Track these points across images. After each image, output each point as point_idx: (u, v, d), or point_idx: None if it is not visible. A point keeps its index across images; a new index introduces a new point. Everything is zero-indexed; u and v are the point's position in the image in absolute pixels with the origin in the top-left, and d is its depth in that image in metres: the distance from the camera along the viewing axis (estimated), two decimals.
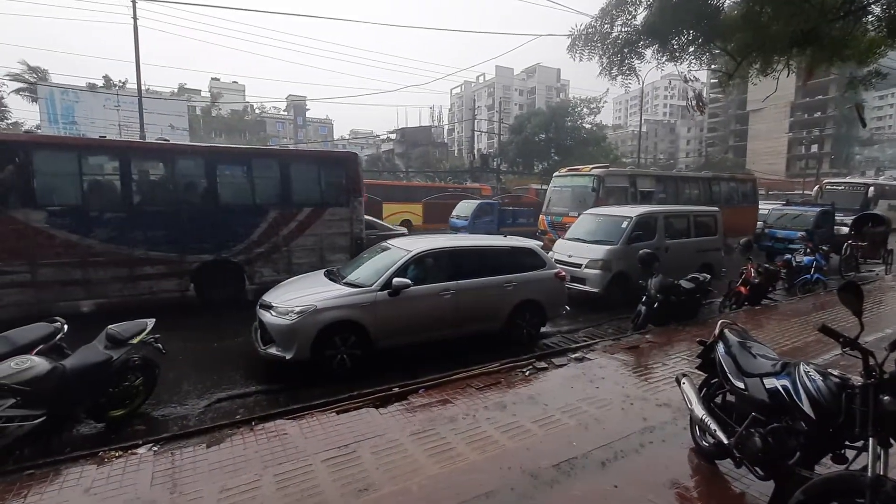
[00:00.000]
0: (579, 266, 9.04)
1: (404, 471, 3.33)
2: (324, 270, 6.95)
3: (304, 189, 9.52)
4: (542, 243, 8.10)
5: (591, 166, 15.37)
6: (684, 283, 7.53)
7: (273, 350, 5.45)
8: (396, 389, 4.70)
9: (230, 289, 8.66)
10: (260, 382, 5.50)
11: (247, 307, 8.03)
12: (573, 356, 5.71)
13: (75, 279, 7.48)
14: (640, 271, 7.50)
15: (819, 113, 62.48)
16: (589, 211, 10.88)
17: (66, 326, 4.65)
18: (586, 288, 8.90)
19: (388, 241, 7.11)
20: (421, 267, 6.30)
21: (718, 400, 3.50)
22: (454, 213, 21.60)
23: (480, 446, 3.67)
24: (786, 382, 2.70)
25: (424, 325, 6.09)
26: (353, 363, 5.63)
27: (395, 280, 5.80)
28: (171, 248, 8.15)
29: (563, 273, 7.43)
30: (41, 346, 4.29)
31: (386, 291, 5.77)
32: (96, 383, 4.10)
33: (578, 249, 9.40)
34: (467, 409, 4.28)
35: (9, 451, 3.56)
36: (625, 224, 9.37)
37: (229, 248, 8.65)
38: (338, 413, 4.20)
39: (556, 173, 16.34)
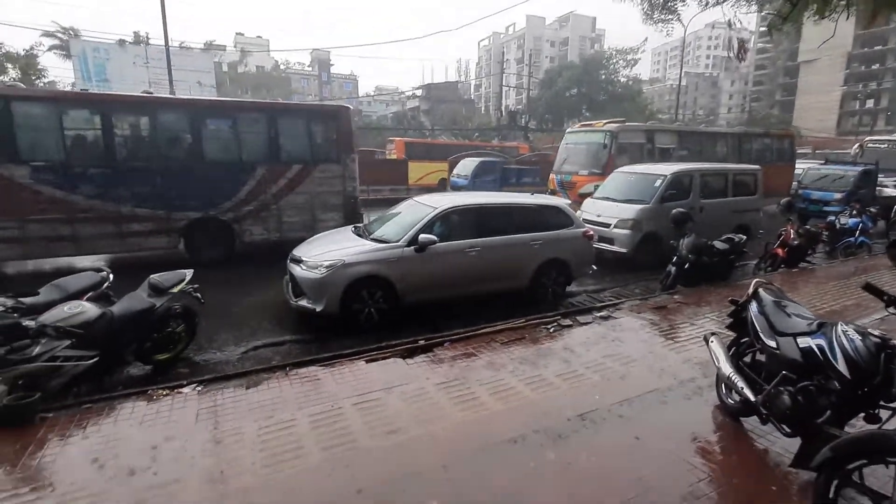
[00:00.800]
0: (608, 226, 8.85)
1: (430, 416, 3.47)
2: (351, 227, 7.03)
3: (294, 145, 9.20)
4: (570, 201, 7.93)
5: (605, 121, 14.64)
6: (718, 244, 7.30)
7: (304, 302, 5.64)
8: (423, 342, 4.83)
9: (221, 247, 8.59)
10: (292, 333, 5.74)
11: (238, 265, 8.34)
12: (599, 315, 5.71)
13: (63, 235, 7.54)
14: (673, 231, 7.31)
15: (878, 65, 57.38)
16: (621, 169, 10.52)
17: (111, 276, 4.93)
18: (614, 248, 8.75)
19: (415, 198, 7.10)
20: (447, 224, 6.30)
21: (747, 359, 3.47)
22: (455, 171, 20.74)
23: (504, 397, 3.77)
24: (821, 342, 2.64)
25: (450, 281, 6.16)
26: (381, 317, 5.77)
27: (422, 236, 5.84)
28: (158, 205, 8.07)
29: (591, 232, 7.31)
30: (90, 294, 4.57)
31: (412, 247, 5.83)
32: (141, 328, 4.36)
33: (608, 209, 9.17)
34: (491, 362, 4.38)
35: (68, 387, 3.87)
36: (658, 182, 9.04)
37: (217, 206, 8.51)
38: (367, 362, 4.36)
39: (569, 129, 15.62)
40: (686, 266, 6.95)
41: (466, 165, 20.41)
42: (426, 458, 2.99)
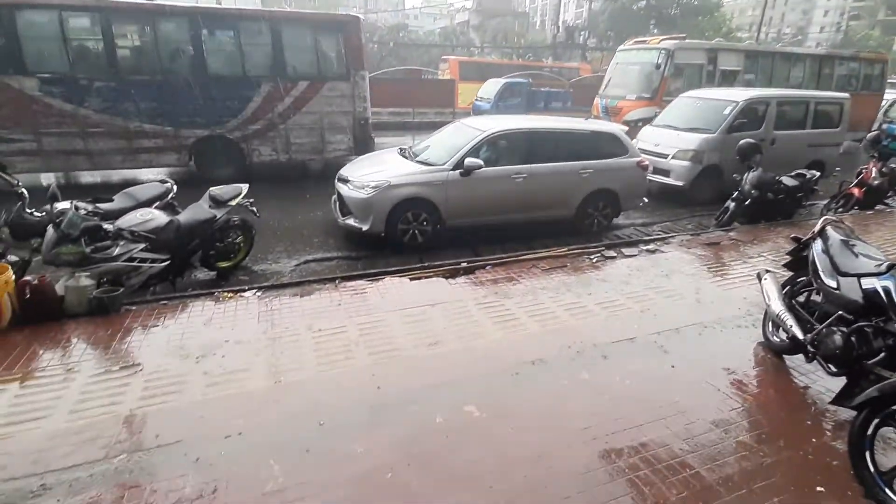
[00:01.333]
0: (665, 156, 8.33)
1: (470, 332, 3.65)
2: (397, 148, 6.98)
3: (299, 59, 8.76)
4: (626, 128, 7.46)
5: (661, 38, 13.04)
6: (786, 180, 6.78)
7: (351, 221, 5.83)
8: (465, 264, 4.95)
9: (231, 167, 8.52)
10: (340, 250, 6.00)
11: (284, 183, 8.41)
12: (645, 248, 5.58)
13: (78, 149, 7.68)
14: (737, 164, 6.81)
15: None
16: (687, 94, 9.65)
17: (175, 187, 5.23)
18: (670, 181, 8.29)
19: (463, 121, 6.91)
20: (494, 148, 6.15)
21: (801, 299, 3.36)
22: (479, 93, 19.27)
23: (542, 320, 3.88)
24: (888, 284, 2.51)
25: (494, 206, 6.13)
26: (424, 239, 5.90)
27: (468, 160, 5.75)
28: (165, 122, 8.06)
29: (646, 162, 6.93)
30: (157, 203, 4.90)
31: (458, 171, 5.77)
32: (205, 237, 4.69)
33: (667, 138, 8.57)
34: (532, 288, 4.45)
35: (145, 285, 4.31)
36: (728, 110, 8.27)
37: (223, 124, 8.41)
38: (410, 280, 4.55)
39: (621, 47, 13.96)
40: (747, 202, 6.54)
41: (490, 87, 18.99)
42: (465, 369, 3.19)
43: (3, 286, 3.42)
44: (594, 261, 5.17)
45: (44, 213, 4.16)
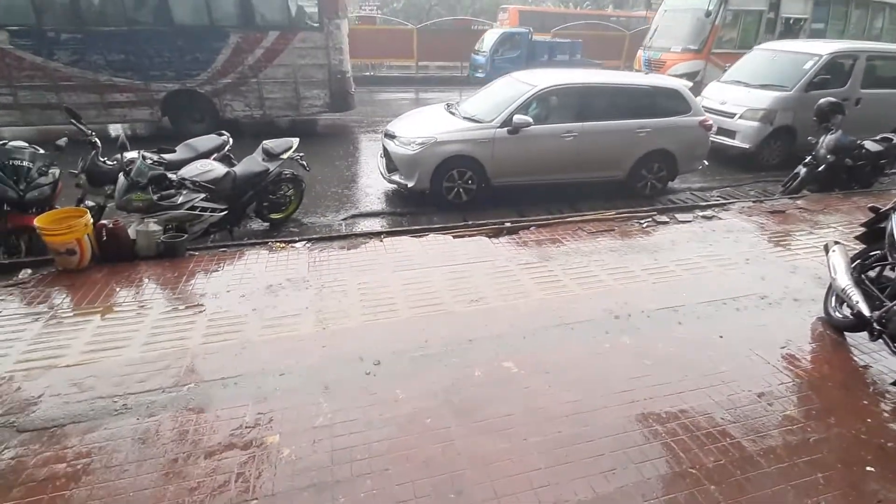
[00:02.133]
0: (732, 116, 7.72)
1: (512, 292, 3.67)
2: (444, 104, 6.85)
3: (267, 7, 8.28)
4: (690, 83, 6.94)
5: None
6: (869, 145, 6.16)
7: (396, 177, 5.86)
8: (509, 224, 4.91)
9: (204, 123, 8.31)
10: (385, 206, 6.10)
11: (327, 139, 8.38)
12: (701, 214, 5.31)
13: (52, 103, 7.62)
14: (814, 125, 6.22)
15: None
16: (762, 46, 8.79)
17: (231, 139, 5.43)
18: (735, 142, 7.72)
19: (513, 74, 6.64)
20: (545, 104, 5.92)
21: (872, 274, 3.12)
22: (477, 46, 17.42)
23: (585, 283, 3.83)
24: None
25: (542, 166, 5.97)
26: (469, 197, 5.87)
27: (516, 118, 5.59)
28: (135, 75, 7.94)
29: (710, 122, 6.47)
30: (215, 155, 5.12)
31: (505, 129, 5.63)
32: (258, 189, 4.88)
33: (736, 96, 7.91)
34: (577, 250, 4.38)
35: (206, 233, 4.58)
36: (809, 64, 7.48)
37: (193, 78, 8.22)
38: (454, 237, 4.58)
39: None
40: (820, 168, 6.02)
41: (487, 39, 17.23)
42: (506, 327, 3.23)
43: (84, 228, 3.75)
44: (644, 225, 4.99)
45: (115, 162, 4.45)
